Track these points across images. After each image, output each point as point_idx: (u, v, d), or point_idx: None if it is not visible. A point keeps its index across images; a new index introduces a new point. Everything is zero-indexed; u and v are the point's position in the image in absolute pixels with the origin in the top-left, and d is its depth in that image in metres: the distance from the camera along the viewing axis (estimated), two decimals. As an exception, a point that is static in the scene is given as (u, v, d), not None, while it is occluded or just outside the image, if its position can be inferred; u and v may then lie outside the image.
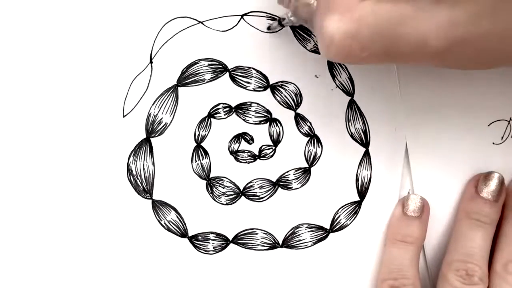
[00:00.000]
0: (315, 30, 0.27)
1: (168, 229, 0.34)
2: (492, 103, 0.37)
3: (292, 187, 0.35)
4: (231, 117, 0.34)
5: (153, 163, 0.34)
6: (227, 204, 0.35)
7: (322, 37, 0.26)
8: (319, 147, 0.35)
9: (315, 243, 0.36)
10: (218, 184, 0.34)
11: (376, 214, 0.36)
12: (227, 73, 0.34)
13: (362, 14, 0.24)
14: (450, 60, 0.27)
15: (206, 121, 0.34)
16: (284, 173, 0.35)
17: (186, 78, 0.33)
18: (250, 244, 0.35)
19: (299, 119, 0.35)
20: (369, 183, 0.36)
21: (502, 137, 0.37)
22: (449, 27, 0.24)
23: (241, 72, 0.34)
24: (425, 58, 0.26)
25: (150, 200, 0.34)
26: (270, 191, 0.35)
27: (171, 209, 0.34)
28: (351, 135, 0.35)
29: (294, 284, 0.36)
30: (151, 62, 0.33)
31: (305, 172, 0.35)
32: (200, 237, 0.35)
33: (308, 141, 0.35)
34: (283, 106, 0.35)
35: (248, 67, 0.34)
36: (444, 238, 0.37)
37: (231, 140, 0.34)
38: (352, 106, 0.35)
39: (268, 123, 0.35)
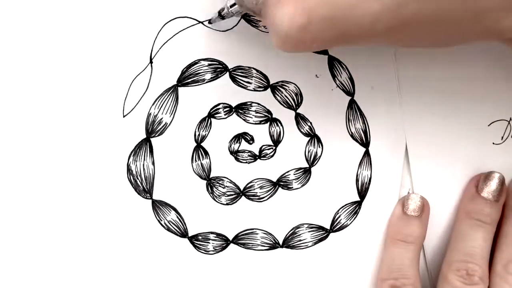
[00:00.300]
0: (265, 20, 0.27)
1: (168, 229, 0.34)
2: (492, 103, 0.37)
3: (292, 187, 0.35)
4: (231, 117, 0.34)
5: (153, 163, 0.34)
6: (227, 204, 0.35)
7: (275, 30, 0.26)
8: (319, 147, 0.35)
9: (315, 243, 0.36)
10: (218, 184, 0.34)
11: (376, 214, 0.36)
12: (227, 73, 0.34)
13: (312, 5, 0.24)
14: (401, 39, 0.27)
15: (206, 121, 0.34)
16: (284, 173, 0.35)
17: (186, 78, 0.33)
18: (250, 244, 0.35)
19: (300, 119, 0.35)
20: (369, 183, 0.36)
21: (502, 137, 0.37)
22: (396, 7, 0.24)
23: (241, 72, 0.34)
24: (375, 38, 0.27)
25: (150, 200, 0.34)
26: (270, 191, 0.35)
27: (171, 209, 0.34)
28: (351, 135, 0.35)
29: (295, 284, 0.36)
30: (151, 62, 0.33)
31: (306, 172, 0.35)
32: (200, 237, 0.34)
33: (309, 141, 0.35)
34: (284, 106, 0.35)
35: (248, 67, 0.34)
36: (444, 238, 0.37)
37: (231, 140, 0.34)
38: (353, 106, 0.35)
39: (268, 123, 0.35)
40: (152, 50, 0.33)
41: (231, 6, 0.31)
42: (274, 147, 0.35)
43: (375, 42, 0.28)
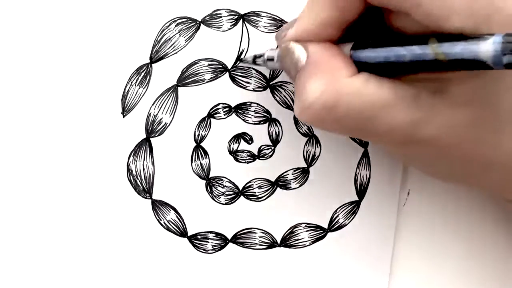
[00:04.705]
0: (295, 84, 0.27)
1: (168, 229, 0.34)
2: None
3: (290, 187, 0.35)
4: (230, 117, 0.34)
5: (153, 163, 0.34)
6: (226, 203, 0.35)
7: (300, 99, 0.26)
8: (317, 147, 0.35)
9: (313, 242, 0.36)
10: (217, 184, 0.35)
11: (375, 214, 0.36)
12: (227, 73, 0.34)
13: (346, 91, 0.24)
14: (411, 159, 0.29)
15: (205, 121, 0.34)
16: (283, 173, 0.35)
17: (186, 78, 0.33)
18: (249, 244, 0.35)
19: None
20: (367, 183, 0.36)
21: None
22: (412, 127, 0.25)
23: (241, 72, 0.34)
24: (389, 147, 0.27)
25: (150, 200, 0.34)
26: (269, 191, 0.35)
27: (171, 209, 0.34)
28: (350, 135, 0.36)
29: (292, 283, 0.36)
30: (151, 62, 0.33)
31: (304, 172, 0.36)
32: (199, 237, 0.35)
33: (307, 141, 0.35)
34: (283, 106, 0.35)
35: (248, 67, 0.34)
36: (443, 237, 0.37)
37: (230, 140, 0.34)
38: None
39: (267, 123, 0.35)
40: (152, 50, 0.33)
41: (268, 60, 0.31)
42: (273, 147, 0.35)
43: (389, 150, 0.28)
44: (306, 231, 0.36)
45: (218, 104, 0.34)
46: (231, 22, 0.34)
